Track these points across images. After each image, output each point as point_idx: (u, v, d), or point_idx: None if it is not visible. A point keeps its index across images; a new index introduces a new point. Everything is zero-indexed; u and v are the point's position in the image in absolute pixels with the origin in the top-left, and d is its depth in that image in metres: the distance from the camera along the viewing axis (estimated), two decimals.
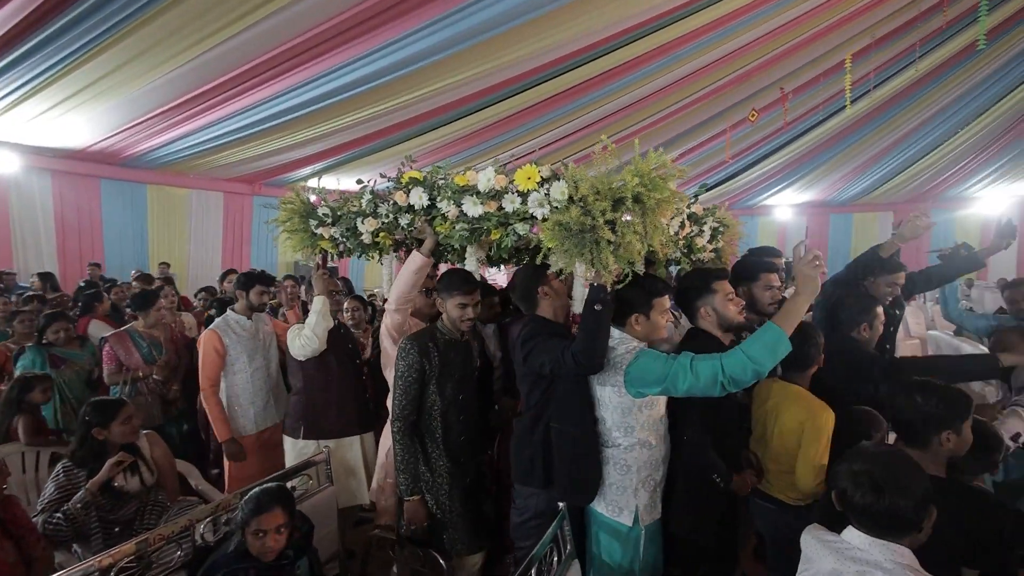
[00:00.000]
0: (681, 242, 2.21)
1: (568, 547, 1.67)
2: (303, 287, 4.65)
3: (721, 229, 2.54)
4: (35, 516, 1.89)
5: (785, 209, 13.71)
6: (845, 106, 7.36)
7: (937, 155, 10.10)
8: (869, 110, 8.47)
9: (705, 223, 2.28)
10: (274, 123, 6.50)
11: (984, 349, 3.03)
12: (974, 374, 2.19)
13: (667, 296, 1.84)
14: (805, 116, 8.85)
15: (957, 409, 1.50)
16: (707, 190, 3.04)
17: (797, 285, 1.62)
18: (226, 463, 2.64)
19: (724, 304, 1.91)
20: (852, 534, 1.21)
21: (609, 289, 1.65)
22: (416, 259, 2.10)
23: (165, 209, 8.45)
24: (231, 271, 4.53)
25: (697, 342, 1.89)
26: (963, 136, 9.26)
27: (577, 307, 1.85)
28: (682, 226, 2.07)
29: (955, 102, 8.26)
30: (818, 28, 6.50)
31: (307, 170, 8.56)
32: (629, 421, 1.77)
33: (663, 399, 1.82)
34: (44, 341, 3.18)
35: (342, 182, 2.66)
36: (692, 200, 2.30)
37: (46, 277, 5.62)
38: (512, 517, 2.04)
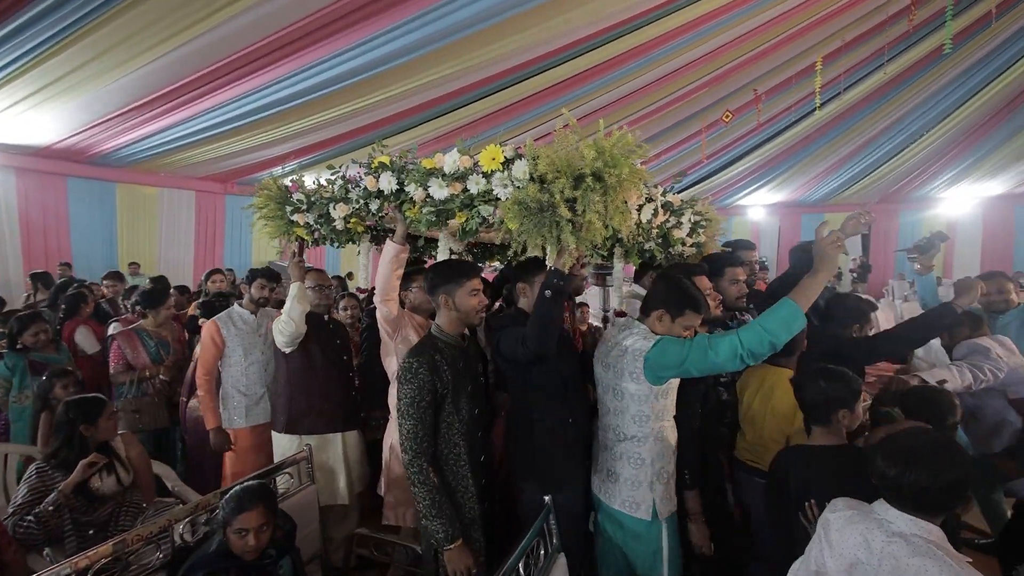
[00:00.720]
0: (654, 231, 2.21)
1: (554, 540, 1.67)
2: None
3: (703, 223, 2.54)
4: (5, 519, 1.82)
5: (759, 209, 14.01)
6: (815, 108, 7.56)
7: (904, 157, 10.44)
8: (840, 112, 8.71)
9: (684, 215, 2.29)
10: (246, 121, 6.39)
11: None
12: (937, 326, 2.27)
13: (701, 316, 1.81)
14: (778, 117, 9.06)
15: (852, 391, 1.69)
16: (680, 178, 3.06)
17: (816, 263, 1.64)
18: (225, 460, 2.62)
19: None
20: (883, 506, 1.26)
21: (567, 272, 1.64)
22: (390, 248, 2.02)
23: (134, 208, 8.22)
24: (216, 271, 4.42)
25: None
26: (929, 138, 9.59)
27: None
28: (655, 214, 2.05)
29: (922, 104, 8.54)
30: (791, 31, 6.66)
31: (281, 169, 8.44)
32: (645, 410, 1.76)
33: (675, 389, 1.83)
34: (19, 346, 3.01)
35: (318, 181, 2.64)
36: (669, 188, 2.33)
37: (39, 277, 5.31)
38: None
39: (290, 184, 2.27)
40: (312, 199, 2.21)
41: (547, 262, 1.73)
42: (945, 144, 9.73)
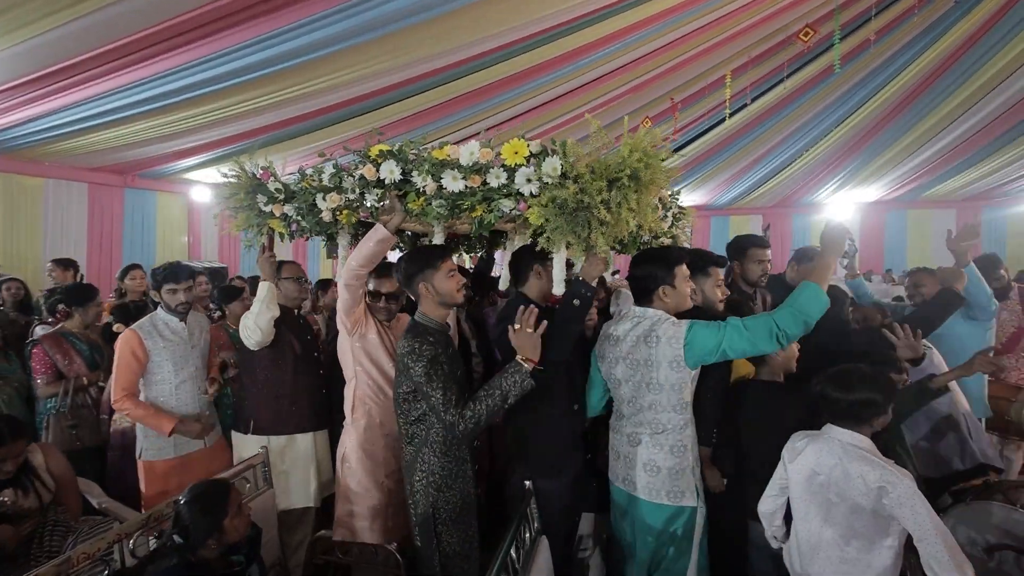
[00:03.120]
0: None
1: (535, 524, 1.70)
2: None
3: (680, 216, 2.64)
4: None
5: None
6: (725, 118, 8.20)
7: (798, 165, 11.57)
8: (748, 121, 9.50)
9: (670, 208, 2.40)
10: (151, 107, 5.79)
11: None
12: (948, 310, 2.47)
13: (685, 263, 1.87)
14: (693, 124, 9.71)
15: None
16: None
17: (822, 246, 1.87)
18: (141, 484, 2.31)
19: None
20: (828, 427, 1.60)
21: (594, 285, 1.71)
22: (380, 231, 1.89)
23: (13, 200, 7.20)
24: (134, 266, 3.90)
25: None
26: (818, 148, 10.71)
27: (557, 288, 1.83)
28: (657, 207, 2.14)
29: (815, 117, 9.52)
30: (703, 46, 7.18)
31: (192, 160, 7.76)
32: (685, 397, 1.79)
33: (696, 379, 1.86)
34: None
35: (302, 171, 2.43)
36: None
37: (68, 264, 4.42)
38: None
39: (261, 172, 2.10)
40: (295, 188, 2.05)
41: (560, 259, 1.75)
42: (831, 154, 10.90)
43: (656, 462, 1.81)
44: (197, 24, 4.54)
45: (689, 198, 14.30)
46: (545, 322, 1.66)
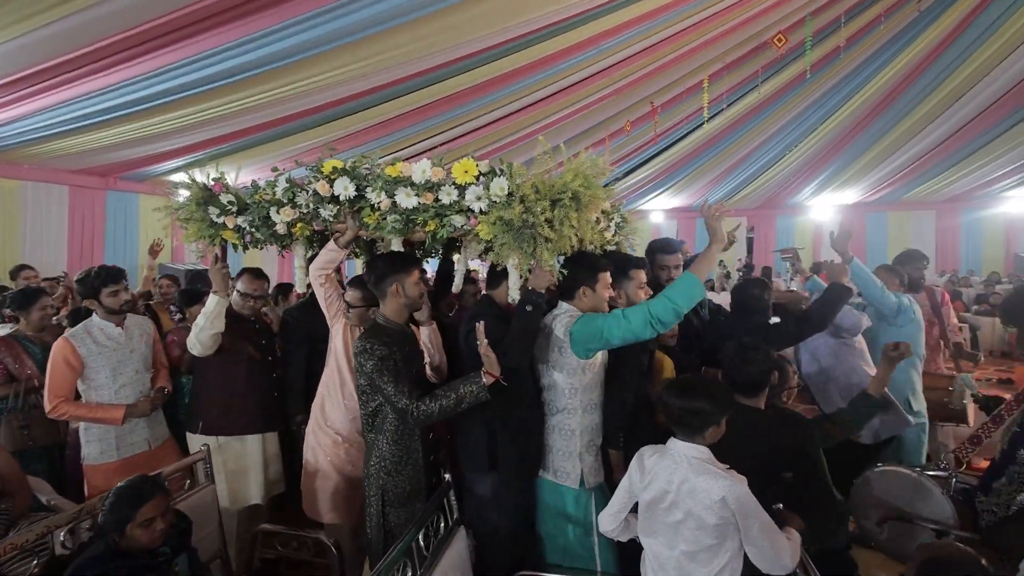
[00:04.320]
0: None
1: (455, 515, 1.79)
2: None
3: (622, 224, 2.76)
4: None
5: (659, 213, 15.07)
6: (703, 122, 8.34)
7: (779, 167, 11.74)
8: (725, 125, 9.64)
9: (613, 218, 2.51)
10: (133, 110, 5.84)
11: None
12: (838, 301, 2.54)
13: (609, 271, 2.01)
14: (672, 129, 9.84)
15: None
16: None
17: (710, 233, 1.97)
18: (85, 487, 2.36)
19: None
20: (674, 444, 1.59)
21: (543, 292, 1.82)
22: (331, 246, 2.08)
23: None
24: (23, 267, 3.96)
25: None
26: (798, 152, 10.87)
27: (513, 294, 1.95)
28: (597, 220, 2.22)
29: (792, 121, 9.67)
30: (681, 51, 7.30)
31: (174, 163, 7.80)
32: (574, 383, 1.93)
33: (601, 364, 1.99)
34: None
35: (254, 184, 2.48)
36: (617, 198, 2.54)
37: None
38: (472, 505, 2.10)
39: (213, 184, 2.17)
40: (248, 201, 2.13)
41: (515, 268, 1.88)
42: (811, 157, 11.07)
43: (549, 441, 1.98)
44: (178, 26, 4.60)
45: (674, 200, 14.48)
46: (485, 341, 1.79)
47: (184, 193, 2.28)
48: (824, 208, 13.74)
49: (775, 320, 2.85)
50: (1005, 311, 2.08)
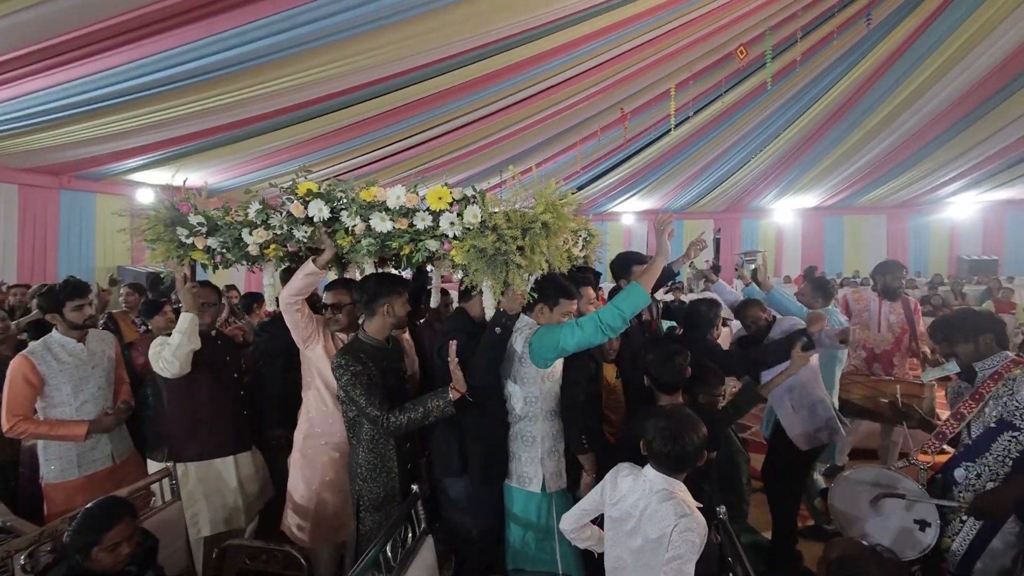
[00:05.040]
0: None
1: (422, 524, 1.84)
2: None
3: (588, 239, 2.87)
4: None
5: (630, 215, 15.36)
6: (671, 129, 8.56)
7: (743, 173, 12.13)
8: (692, 132, 9.91)
9: (580, 234, 2.58)
10: (89, 108, 5.63)
11: None
12: (774, 363, 2.64)
13: (574, 301, 2.10)
14: (642, 134, 10.06)
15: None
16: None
17: (657, 246, 2.08)
18: (45, 507, 2.27)
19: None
20: (649, 471, 1.62)
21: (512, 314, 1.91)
22: (309, 267, 2.08)
23: None
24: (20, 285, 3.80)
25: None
26: (761, 158, 11.26)
27: (488, 313, 2.02)
28: (565, 240, 2.31)
29: (754, 130, 10.02)
30: (648, 60, 7.48)
31: (133, 162, 7.54)
32: (534, 391, 2.02)
33: (558, 373, 2.09)
34: None
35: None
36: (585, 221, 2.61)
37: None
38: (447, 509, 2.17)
39: (179, 205, 2.15)
40: (219, 223, 2.13)
41: (488, 288, 1.94)
42: (772, 163, 11.49)
43: (513, 448, 2.08)
44: (135, 26, 4.47)
45: (644, 203, 14.78)
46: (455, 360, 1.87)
47: (144, 199, 2.25)
48: (785, 211, 14.26)
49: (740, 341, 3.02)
50: (934, 330, 2.20)
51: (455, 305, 2.75)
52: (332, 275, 2.58)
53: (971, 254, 12.75)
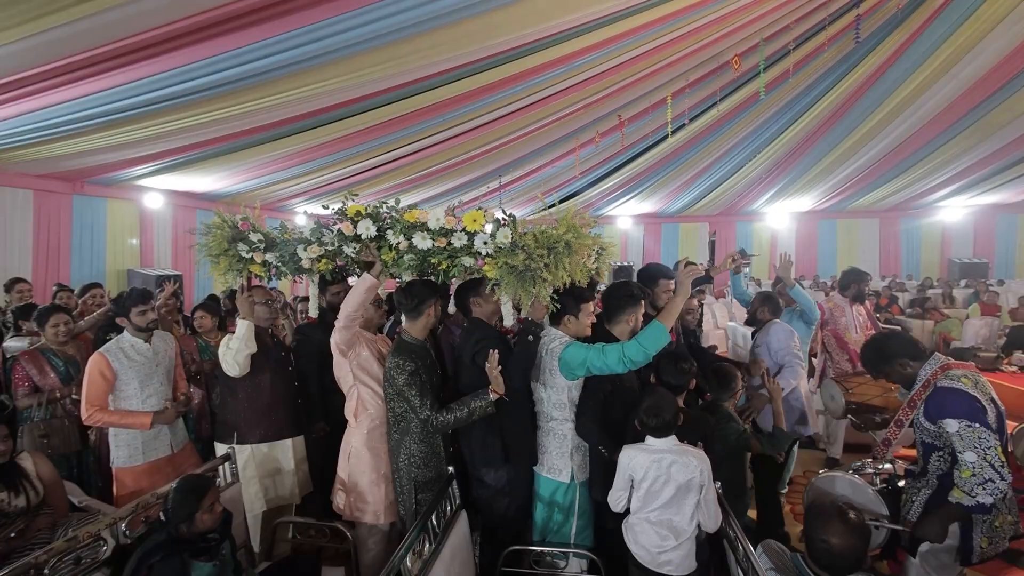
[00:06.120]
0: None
1: (457, 500, 2.11)
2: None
3: (601, 252, 3.12)
4: None
5: (626, 219, 15.63)
6: (667, 135, 8.83)
7: (738, 178, 12.42)
8: (688, 139, 10.18)
9: (595, 249, 2.84)
10: (104, 120, 5.81)
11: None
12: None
13: (592, 302, 2.36)
14: (639, 141, 10.33)
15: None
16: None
17: (676, 288, 2.31)
18: (114, 488, 2.52)
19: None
20: (651, 441, 2.04)
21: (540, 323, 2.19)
22: (367, 280, 2.27)
23: None
24: (18, 280, 4.05)
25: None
26: (755, 163, 11.55)
27: (507, 320, 2.32)
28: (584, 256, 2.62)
29: (748, 137, 10.31)
30: (646, 71, 7.75)
31: (143, 168, 7.74)
32: (563, 399, 2.29)
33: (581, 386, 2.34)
34: None
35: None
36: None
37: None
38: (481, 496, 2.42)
39: (240, 223, 2.43)
40: (276, 240, 2.42)
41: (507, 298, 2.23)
42: (766, 169, 11.78)
43: (544, 443, 2.37)
44: (149, 43, 4.65)
45: (641, 206, 15.07)
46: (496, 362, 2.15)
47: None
48: (779, 215, 14.57)
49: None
50: (863, 359, 2.38)
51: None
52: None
53: (962, 257, 13.07)
